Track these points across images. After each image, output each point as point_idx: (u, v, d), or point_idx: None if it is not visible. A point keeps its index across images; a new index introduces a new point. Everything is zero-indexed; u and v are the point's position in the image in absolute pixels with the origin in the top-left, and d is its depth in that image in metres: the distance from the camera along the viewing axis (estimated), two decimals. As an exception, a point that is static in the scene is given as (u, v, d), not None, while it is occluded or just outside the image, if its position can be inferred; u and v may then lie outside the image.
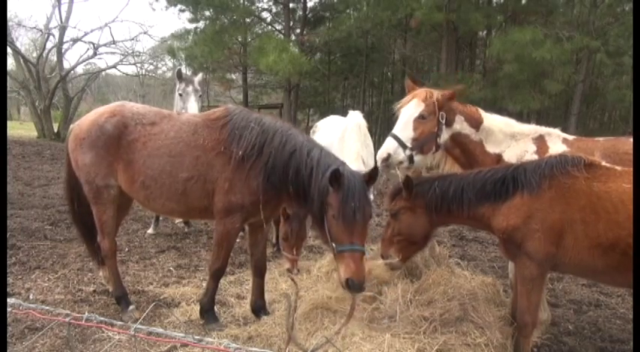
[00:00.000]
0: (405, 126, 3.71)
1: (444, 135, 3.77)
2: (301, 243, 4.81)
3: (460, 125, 3.79)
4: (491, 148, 3.76)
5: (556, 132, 3.78)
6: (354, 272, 3.04)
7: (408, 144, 3.68)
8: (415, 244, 3.52)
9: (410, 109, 3.75)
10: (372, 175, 3.23)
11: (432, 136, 3.71)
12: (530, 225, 2.94)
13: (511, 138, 3.76)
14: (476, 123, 3.79)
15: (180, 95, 6.46)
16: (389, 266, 3.62)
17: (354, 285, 3.03)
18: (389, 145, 3.71)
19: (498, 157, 3.73)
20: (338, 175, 3.09)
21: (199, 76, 6.81)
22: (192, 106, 6.30)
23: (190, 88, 6.43)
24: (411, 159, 3.70)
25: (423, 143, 3.70)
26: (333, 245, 3.16)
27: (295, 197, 3.50)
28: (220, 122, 3.66)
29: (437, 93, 3.73)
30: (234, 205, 3.57)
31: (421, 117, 3.70)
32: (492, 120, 3.83)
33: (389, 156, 3.69)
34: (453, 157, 3.93)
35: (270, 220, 4.11)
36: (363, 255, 3.14)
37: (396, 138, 3.70)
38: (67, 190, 4.29)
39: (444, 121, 3.73)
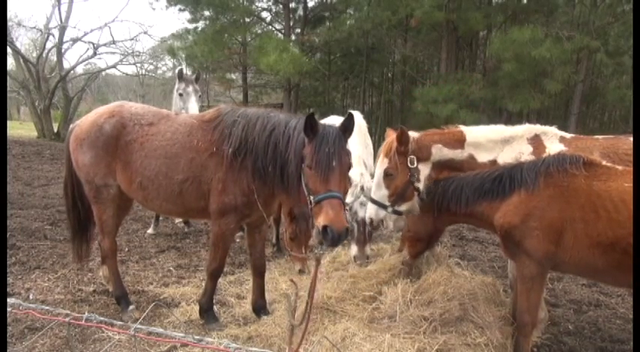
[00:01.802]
0: (377, 187, 3.76)
1: (424, 172, 3.71)
2: (308, 241, 4.81)
3: (439, 153, 3.73)
4: (483, 158, 3.70)
5: (552, 130, 3.69)
6: (331, 219, 2.73)
7: (386, 203, 3.70)
8: (421, 241, 3.77)
9: (379, 168, 3.77)
10: (347, 125, 3.02)
11: (406, 186, 3.65)
12: (529, 223, 2.94)
13: (503, 143, 3.67)
14: (458, 144, 3.72)
15: (181, 95, 6.47)
16: (401, 260, 3.94)
17: (332, 235, 2.72)
18: (370, 211, 3.80)
19: (492, 163, 3.66)
20: (313, 122, 2.92)
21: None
22: (193, 106, 6.32)
23: (191, 88, 6.45)
24: (395, 212, 3.71)
25: (400, 195, 3.67)
26: (311, 198, 2.91)
27: (279, 180, 3.30)
28: (213, 123, 3.64)
29: (395, 141, 3.65)
30: (227, 206, 3.56)
31: (388, 175, 3.68)
32: (476, 133, 3.74)
33: (371, 220, 3.81)
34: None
35: (270, 217, 4.05)
36: (342, 202, 2.84)
37: (373, 201, 3.76)
38: (67, 188, 4.28)
39: (415, 165, 3.65)
